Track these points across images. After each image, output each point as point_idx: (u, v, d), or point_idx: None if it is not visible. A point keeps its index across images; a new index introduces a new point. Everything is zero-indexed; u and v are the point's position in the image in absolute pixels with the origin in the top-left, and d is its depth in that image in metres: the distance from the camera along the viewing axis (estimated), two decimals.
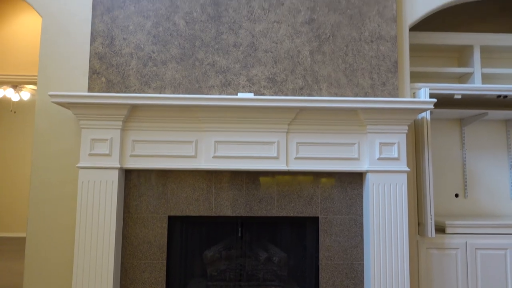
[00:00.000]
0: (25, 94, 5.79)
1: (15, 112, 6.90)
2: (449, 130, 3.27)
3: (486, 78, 3.24)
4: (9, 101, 6.98)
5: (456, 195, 3.21)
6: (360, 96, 2.58)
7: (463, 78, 3.23)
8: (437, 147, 3.26)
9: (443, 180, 3.22)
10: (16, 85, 5.29)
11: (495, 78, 3.26)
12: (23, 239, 6.52)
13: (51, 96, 2.29)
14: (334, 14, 2.64)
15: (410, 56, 3.30)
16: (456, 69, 3.09)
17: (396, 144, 2.45)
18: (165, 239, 2.49)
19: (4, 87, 5.31)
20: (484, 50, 3.25)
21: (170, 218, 2.53)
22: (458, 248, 2.63)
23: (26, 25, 3.78)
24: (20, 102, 7.12)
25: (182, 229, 2.58)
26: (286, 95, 2.56)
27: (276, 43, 2.61)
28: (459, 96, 2.79)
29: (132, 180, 2.52)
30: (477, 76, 3.07)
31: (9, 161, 6.93)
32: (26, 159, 6.92)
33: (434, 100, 2.35)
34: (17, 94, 5.81)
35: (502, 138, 3.29)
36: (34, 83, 3.67)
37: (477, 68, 3.08)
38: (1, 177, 6.86)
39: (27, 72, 3.61)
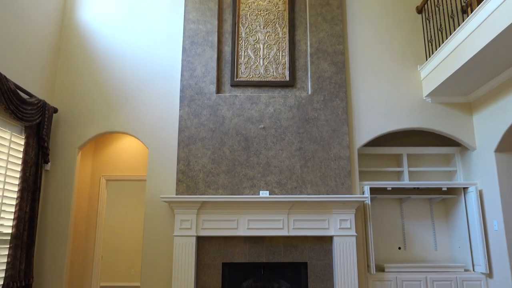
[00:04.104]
0: None
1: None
2: (393, 206, 5.17)
3: (412, 173, 5.18)
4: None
5: (399, 248, 5.05)
6: (329, 192, 4.53)
7: (400, 173, 5.17)
8: (385, 217, 5.14)
9: (389, 238, 5.07)
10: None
11: (419, 173, 5.20)
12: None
13: (161, 198, 4.30)
14: (313, 144, 4.66)
15: (364, 160, 5.27)
16: (392, 169, 5.04)
17: (349, 219, 4.37)
18: (220, 277, 4.38)
19: None
20: (411, 155, 5.21)
21: (223, 264, 4.44)
22: (391, 281, 4.45)
23: (132, 143, 5.91)
24: None
25: (230, 270, 4.48)
26: (287, 192, 4.53)
27: (281, 162, 4.62)
28: (390, 188, 4.73)
29: (201, 242, 4.46)
30: (406, 173, 5.01)
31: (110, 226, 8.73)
32: (114, 223, 8.60)
33: (368, 196, 4.30)
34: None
35: (427, 210, 5.17)
36: (137, 180, 5.74)
37: (405, 168, 5.02)
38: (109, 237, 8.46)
39: (130, 173, 5.72)
